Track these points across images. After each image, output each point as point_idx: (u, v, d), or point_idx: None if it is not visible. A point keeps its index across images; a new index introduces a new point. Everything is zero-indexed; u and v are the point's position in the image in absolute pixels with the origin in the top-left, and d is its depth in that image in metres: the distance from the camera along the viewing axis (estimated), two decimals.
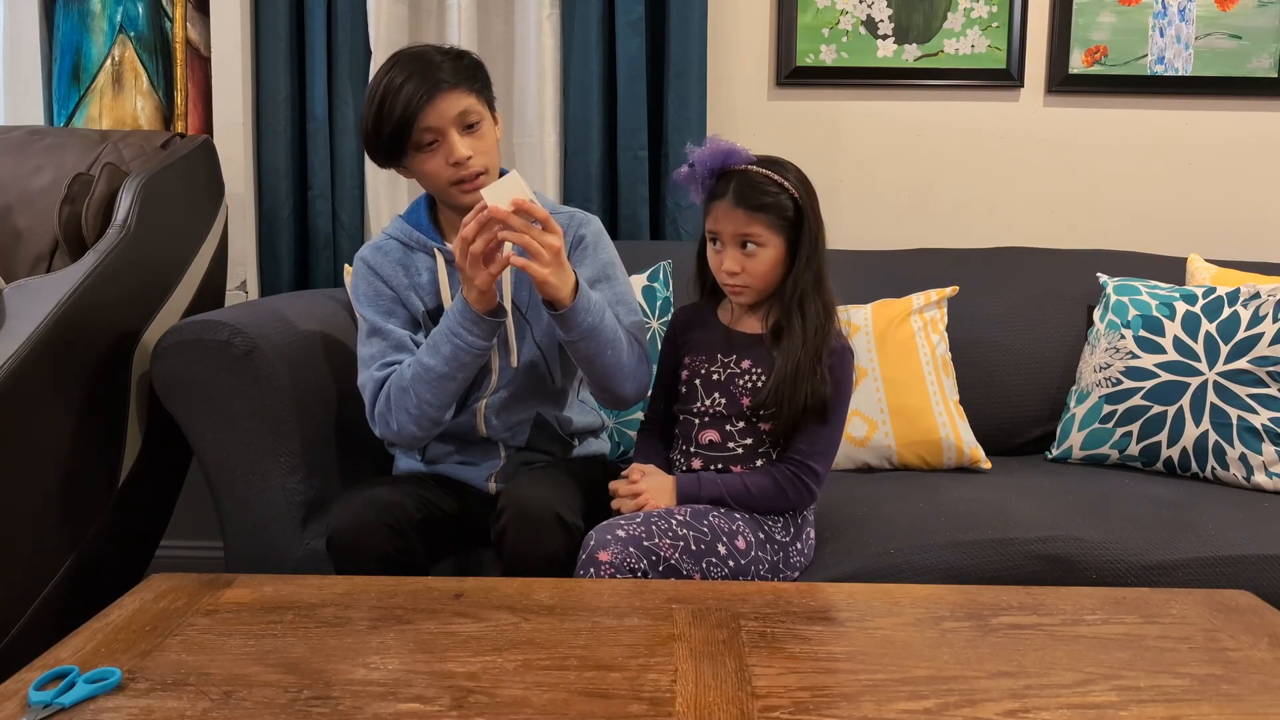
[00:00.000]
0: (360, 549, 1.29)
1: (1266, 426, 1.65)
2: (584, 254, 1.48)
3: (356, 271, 1.49)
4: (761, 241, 1.32)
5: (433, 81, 1.36)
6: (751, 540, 1.31)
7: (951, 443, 1.75)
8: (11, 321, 1.44)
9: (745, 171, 1.33)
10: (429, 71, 1.37)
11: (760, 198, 1.31)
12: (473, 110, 1.40)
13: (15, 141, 1.83)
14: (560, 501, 1.29)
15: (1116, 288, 1.87)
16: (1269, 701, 0.89)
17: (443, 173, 1.40)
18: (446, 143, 1.38)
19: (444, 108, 1.37)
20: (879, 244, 2.14)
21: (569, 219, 1.50)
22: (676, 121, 2.11)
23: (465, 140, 1.39)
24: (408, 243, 1.48)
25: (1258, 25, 2.19)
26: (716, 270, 1.37)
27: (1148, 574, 1.36)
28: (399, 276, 1.47)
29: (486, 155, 1.41)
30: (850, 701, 0.88)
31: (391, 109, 1.36)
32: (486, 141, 1.42)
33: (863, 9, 2.20)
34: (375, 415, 1.41)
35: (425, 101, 1.36)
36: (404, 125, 1.36)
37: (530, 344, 1.48)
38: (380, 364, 1.42)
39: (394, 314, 1.46)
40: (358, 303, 1.48)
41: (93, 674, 0.91)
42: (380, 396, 1.40)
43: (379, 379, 1.41)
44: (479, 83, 1.42)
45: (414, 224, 1.49)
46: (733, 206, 1.32)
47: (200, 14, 2.17)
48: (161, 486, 1.79)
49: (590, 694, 0.89)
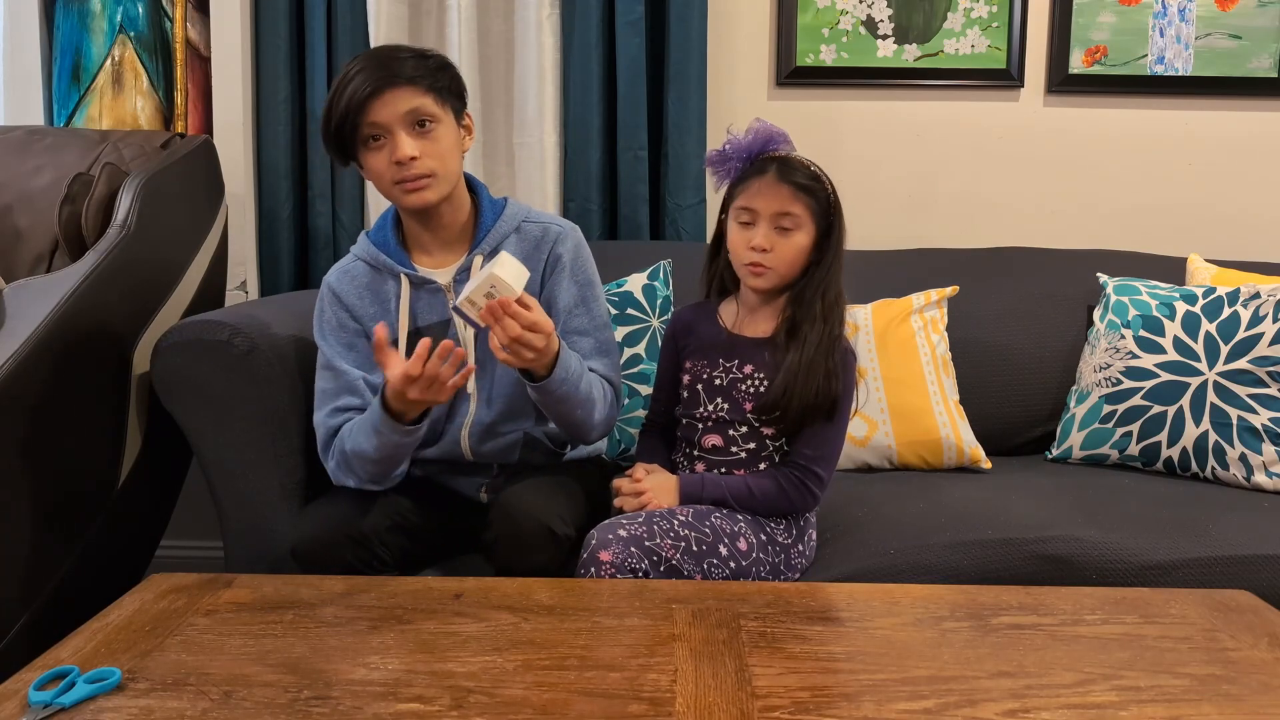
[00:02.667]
0: (323, 562, 1.26)
1: (1266, 426, 1.65)
2: (560, 276, 1.43)
3: (322, 298, 1.44)
4: (798, 224, 1.31)
5: (383, 76, 1.30)
6: (753, 542, 1.31)
7: (952, 443, 1.75)
8: (11, 321, 1.44)
9: (788, 157, 1.33)
10: (384, 65, 1.31)
11: (805, 179, 1.31)
12: (425, 110, 1.33)
13: (15, 141, 1.83)
14: (551, 513, 1.27)
15: (1116, 288, 1.87)
16: (1269, 701, 0.89)
17: (386, 172, 1.34)
18: (392, 140, 1.32)
19: (392, 103, 1.31)
20: (879, 244, 2.13)
21: (543, 232, 1.44)
22: (676, 121, 2.11)
23: (413, 140, 1.32)
24: (375, 265, 1.42)
25: (1258, 25, 2.19)
26: (741, 250, 1.33)
27: (1148, 574, 1.36)
28: (366, 305, 1.42)
29: (438, 159, 1.34)
30: (850, 701, 0.88)
31: (339, 100, 1.31)
32: (440, 145, 1.34)
33: (863, 9, 2.20)
34: (329, 466, 1.38)
35: (372, 95, 1.30)
36: (349, 118, 1.31)
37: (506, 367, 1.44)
38: (331, 409, 1.38)
39: (355, 347, 1.41)
40: (318, 332, 1.42)
41: (93, 674, 0.91)
42: (332, 450, 1.37)
43: (330, 428, 1.38)
44: (440, 83, 1.35)
45: (380, 244, 1.43)
46: (777, 181, 1.30)
47: (200, 14, 2.17)
48: (161, 486, 1.79)
49: (590, 694, 0.89)
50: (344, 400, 1.39)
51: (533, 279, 1.42)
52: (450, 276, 1.41)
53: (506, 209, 1.45)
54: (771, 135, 1.34)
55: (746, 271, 1.34)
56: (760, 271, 1.33)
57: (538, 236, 1.43)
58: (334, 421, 1.38)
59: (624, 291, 1.85)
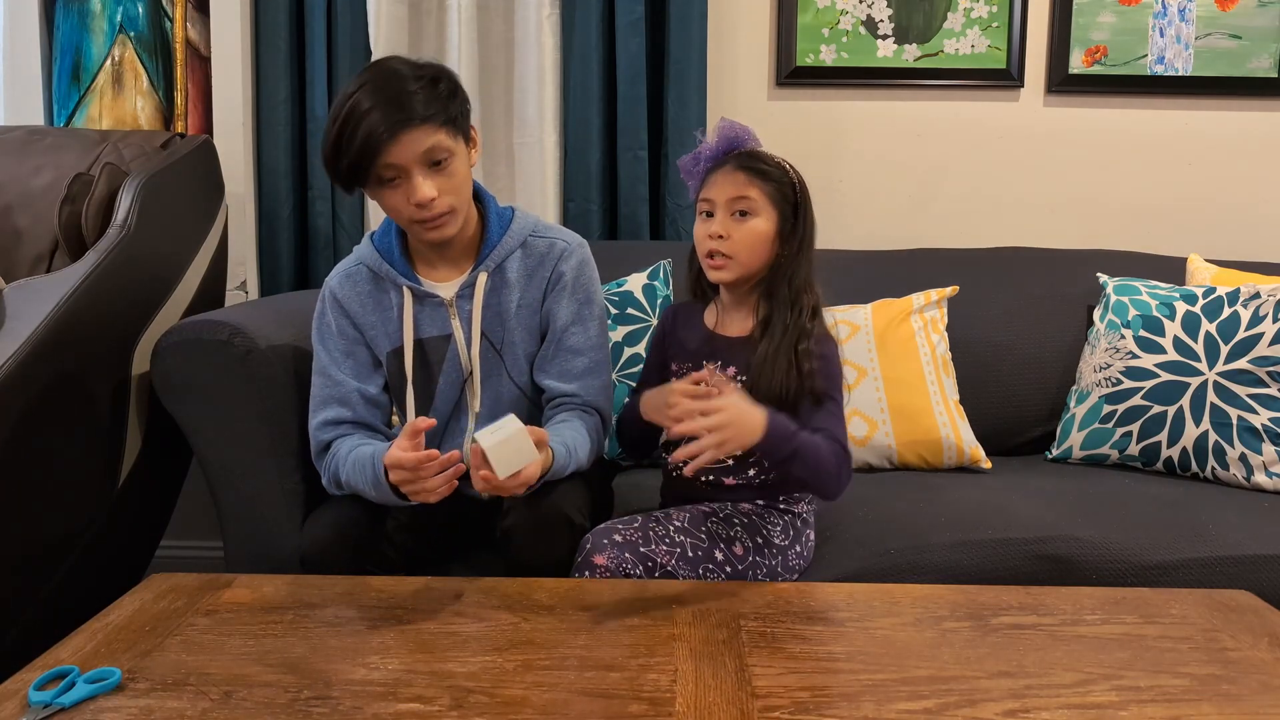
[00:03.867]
0: (333, 568, 1.26)
1: (1266, 426, 1.65)
2: (561, 293, 1.41)
3: (324, 300, 1.42)
4: (755, 209, 1.29)
5: (399, 116, 1.25)
6: (749, 546, 1.30)
7: (952, 442, 1.75)
8: (11, 321, 1.44)
9: (750, 150, 1.33)
10: (398, 101, 1.25)
11: (762, 166, 1.30)
12: (441, 146, 1.28)
13: (15, 141, 1.83)
14: (568, 503, 1.28)
15: (1116, 288, 1.87)
16: (1269, 701, 0.89)
17: (404, 210, 1.31)
18: (409, 182, 1.28)
19: (409, 144, 1.26)
20: (879, 244, 2.14)
21: (548, 248, 1.42)
22: (676, 121, 2.11)
23: (430, 180, 1.29)
24: (379, 272, 1.40)
25: (1258, 25, 2.19)
26: (701, 241, 1.32)
27: (1148, 574, 1.36)
28: (368, 313, 1.40)
29: (455, 194, 1.32)
30: (850, 701, 0.88)
31: (351, 139, 1.25)
32: (456, 179, 1.31)
33: (863, 9, 2.20)
34: (322, 479, 1.38)
35: (388, 139, 1.25)
36: (364, 159, 1.26)
37: (508, 382, 1.42)
38: (322, 420, 1.37)
39: (352, 354, 1.40)
40: (317, 335, 1.41)
41: (93, 674, 0.91)
42: (326, 468, 1.36)
43: (321, 441, 1.37)
44: (452, 112, 1.30)
45: (384, 251, 1.40)
46: (733, 170, 1.30)
47: (200, 14, 2.17)
48: (161, 486, 1.79)
49: (590, 694, 0.89)
50: (335, 412, 1.38)
51: (534, 295, 1.42)
52: (454, 291, 1.40)
53: (514, 223, 1.43)
54: (737, 133, 1.34)
55: (707, 265, 1.32)
56: (720, 264, 1.30)
57: (542, 253, 1.42)
58: (325, 436, 1.37)
59: (624, 291, 1.86)
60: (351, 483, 1.31)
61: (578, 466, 1.32)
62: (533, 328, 1.43)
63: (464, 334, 1.39)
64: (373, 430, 1.40)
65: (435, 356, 1.40)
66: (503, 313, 1.41)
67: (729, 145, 1.34)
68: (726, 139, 1.34)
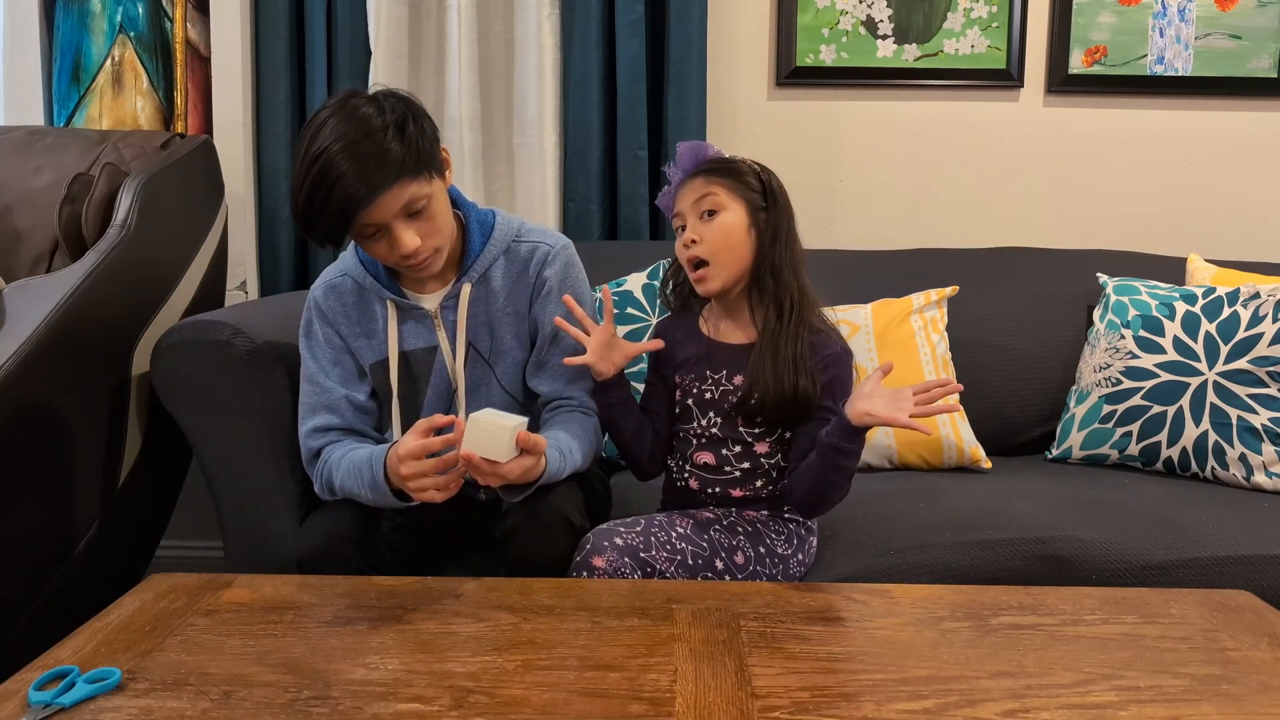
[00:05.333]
0: (330, 570, 1.25)
1: (1266, 426, 1.65)
2: (546, 301, 1.40)
3: (309, 310, 1.41)
4: (720, 204, 1.29)
5: (375, 177, 1.21)
6: (750, 555, 1.29)
7: (952, 442, 1.75)
8: (11, 321, 1.44)
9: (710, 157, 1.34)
10: (373, 158, 1.20)
11: (719, 165, 1.31)
12: (419, 195, 1.25)
13: (15, 141, 1.83)
14: (568, 503, 1.28)
15: (1116, 288, 1.87)
16: (1269, 701, 0.89)
17: (389, 257, 1.30)
18: (391, 235, 1.26)
19: (388, 204, 1.23)
20: (879, 244, 2.14)
21: (531, 253, 1.41)
22: (676, 121, 2.11)
23: (411, 228, 1.26)
24: (363, 284, 1.39)
25: (1258, 25, 2.19)
26: (680, 256, 1.32)
27: (1147, 574, 1.36)
28: (352, 325, 1.40)
29: (437, 234, 1.30)
30: (850, 701, 0.88)
31: (325, 203, 1.21)
32: (437, 220, 1.29)
33: (863, 9, 2.20)
34: (315, 486, 1.38)
35: (366, 202, 1.21)
36: (341, 222, 1.23)
37: (499, 390, 1.42)
38: (311, 428, 1.37)
39: (340, 363, 1.40)
40: (304, 343, 1.41)
41: (93, 674, 0.91)
42: (318, 475, 1.36)
43: (311, 449, 1.37)
44: (425, 154, 1.25)
45: (368, 263, 1.39)
46: (691, 178, 1.31)
47: (200, 14, 2.17)
48: (161, 486, 1.79)
49: (590, 694, 0.89)
50: (324, 419, 1.38)
51: (520, 302, 1.42)
52: (437, 303, 1.39)
53: (495, 230, 1.41)
54: (697, 149, 1.34)
55: (694, 280, 1.32)
56: (702, 275, 1.30)
57: (525, 258, 1.41)
58: (314, 443, 1.37)
59: (624, 291, 1.86)
60: (346, 487, 1.30)
61: (574, 469, 1.32)
62: (521, 334, 1.42)
63: (449, 345, 1.39)
64: (363, 436, 1.40)
65: (421, 369, 1.40)
66: (490, 321, 1.40)
67: (692, 163, 1.34)
68: (688, 158, 1.34)
